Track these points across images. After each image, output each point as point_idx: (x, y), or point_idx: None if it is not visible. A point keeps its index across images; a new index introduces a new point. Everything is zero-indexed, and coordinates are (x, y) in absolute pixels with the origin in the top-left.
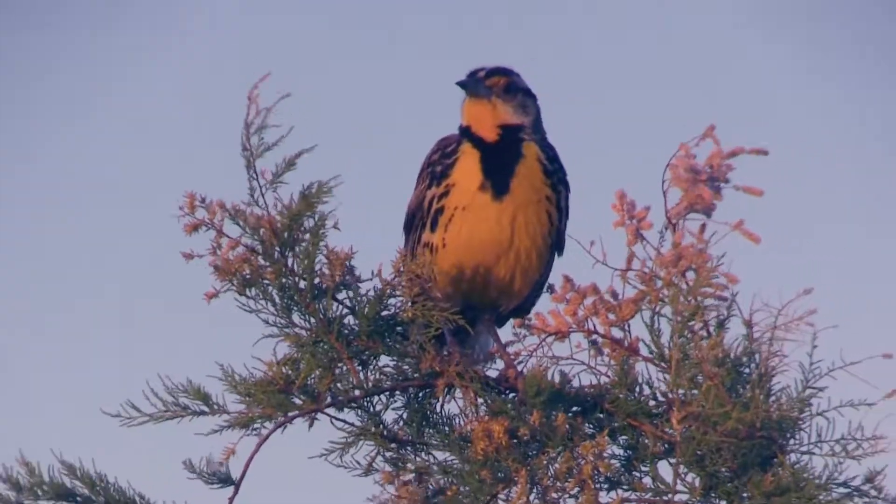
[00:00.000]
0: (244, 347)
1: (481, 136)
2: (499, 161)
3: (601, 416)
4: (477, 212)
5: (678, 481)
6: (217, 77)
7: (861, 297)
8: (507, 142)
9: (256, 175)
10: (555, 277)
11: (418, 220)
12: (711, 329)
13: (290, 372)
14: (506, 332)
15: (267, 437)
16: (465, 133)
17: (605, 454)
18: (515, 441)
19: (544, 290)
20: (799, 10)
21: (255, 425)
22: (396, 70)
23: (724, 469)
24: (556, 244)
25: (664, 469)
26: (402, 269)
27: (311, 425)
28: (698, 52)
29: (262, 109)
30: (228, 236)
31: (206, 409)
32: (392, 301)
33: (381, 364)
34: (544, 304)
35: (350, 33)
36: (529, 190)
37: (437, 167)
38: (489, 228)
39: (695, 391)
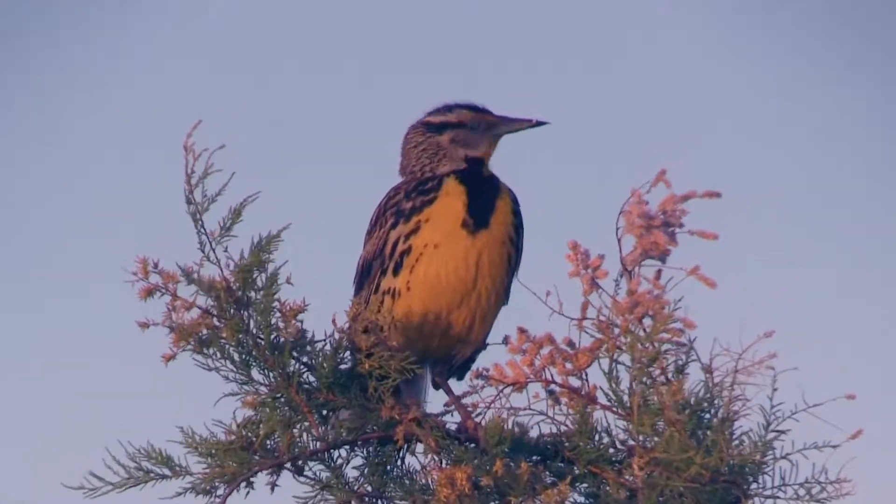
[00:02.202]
0: (204, 405)
1: (481, 171)
2: (481, 195)
3: (561, 464)
4: (448, 248)
5: None
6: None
7: (821, 338)
8: (488, 177)
9: (205, 230)
10: (503, 328)
11: (377, 267)
12: (670, 375)
13: (250, 434)
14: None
15: (229, 493)
16: (473, 163)
17: (567, 502)
18: (477, 491)
19: (501, 341)
20: (754, 44)
21: (219, 486)
22: (349, 110)
23: None
24: (507, 290)
25: None
26: (357, 316)
27: (274, 484)
28: (647, 95)
29: (199, 158)
30: (183, 299)
31: (168, 472)
32: (348, 354)
33: (341, 417)
34: (501, 355)
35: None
36: (502, 227)
37: (407, 203)
38: (456, 267)
39: (656, 437)
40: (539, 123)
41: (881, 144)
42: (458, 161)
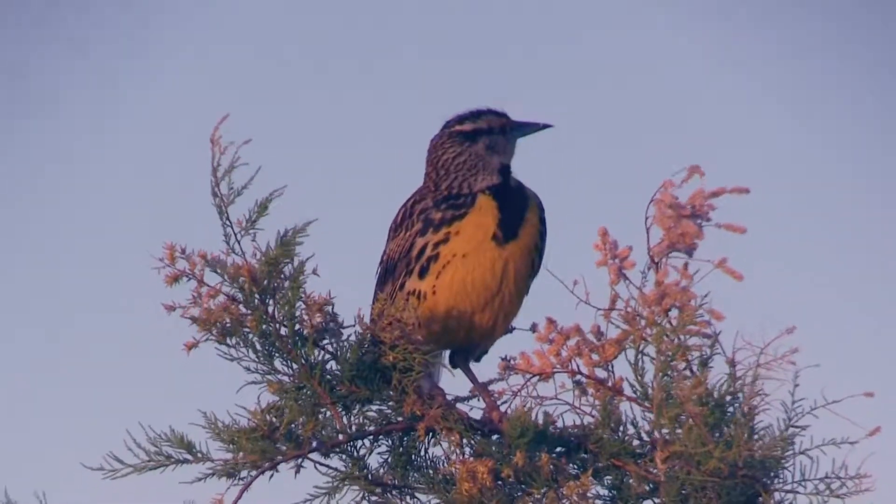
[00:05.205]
0: (227, 394)
1: (509, 181)
2: (512, 209)
3: (585, 456)
4: (476, 257)
5: None
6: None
7: (843, 334)
8: (517, 187)
9: (230, 222)
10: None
11: (402, 268)
12: (695, 368)
13: (273, 419)
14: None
15: (249, 483)
16: (504, 172)
17: (589, 494)
18: (500, 482)
19: (528, 328)
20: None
21: (242, 474)
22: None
23: None
24: (528, 288)
25: None
26: (383, 313)
27: (297, 472)
28: (676, 88)
29: (225, 151)
30: (209, 285)
31: (189, 457)
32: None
33: (364, 408)
34: (529, 344)
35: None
36: (529, 237)
37: (437, 214)
38: (482, 275)
39: (678, 430)
40: (545, 126)
41: None
42: (493, 171)
